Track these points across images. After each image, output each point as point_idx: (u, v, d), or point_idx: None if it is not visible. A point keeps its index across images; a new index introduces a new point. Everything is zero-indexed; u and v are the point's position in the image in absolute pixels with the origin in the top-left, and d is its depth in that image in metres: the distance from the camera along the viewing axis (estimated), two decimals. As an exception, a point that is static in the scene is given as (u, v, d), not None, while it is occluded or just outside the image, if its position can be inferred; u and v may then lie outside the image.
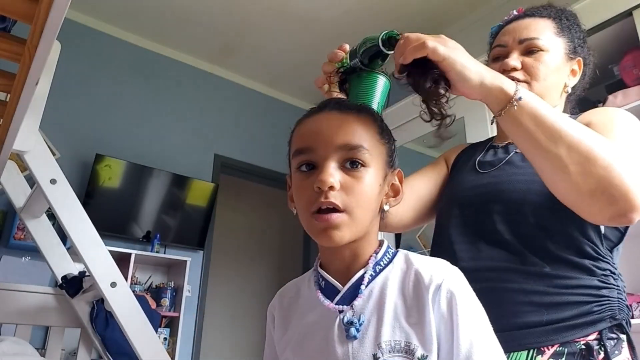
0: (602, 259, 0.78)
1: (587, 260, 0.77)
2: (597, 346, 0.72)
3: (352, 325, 0.58)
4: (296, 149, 0.63)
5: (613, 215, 0.67)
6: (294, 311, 0.68)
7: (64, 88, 3.14)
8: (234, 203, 4.94)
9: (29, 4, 0.82)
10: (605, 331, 0.74)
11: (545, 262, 0.76)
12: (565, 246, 0.77)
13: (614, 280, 0.78)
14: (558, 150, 0.67)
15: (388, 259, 0.64)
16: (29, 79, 1.00)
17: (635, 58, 1.98)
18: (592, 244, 0.78)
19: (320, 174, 0.58)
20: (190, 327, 3.48)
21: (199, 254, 3.67)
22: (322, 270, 0.65)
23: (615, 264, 0.81)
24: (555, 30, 0.91)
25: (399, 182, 0.67)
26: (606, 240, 0.80)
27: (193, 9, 3.43)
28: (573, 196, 0.69)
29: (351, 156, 0.60)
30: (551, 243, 0.77)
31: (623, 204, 0.66)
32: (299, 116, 0.67)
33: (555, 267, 0.76)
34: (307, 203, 0.60)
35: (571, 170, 0.67)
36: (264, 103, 4.35)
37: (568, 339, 0.72)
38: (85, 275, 1.76)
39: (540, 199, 0.79)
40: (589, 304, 0.74)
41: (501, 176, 0.87)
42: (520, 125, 0.69)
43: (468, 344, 0.55)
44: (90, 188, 3.17)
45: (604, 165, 0.66)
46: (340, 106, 0.63)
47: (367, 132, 0.62)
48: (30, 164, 1.36)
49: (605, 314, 0.74)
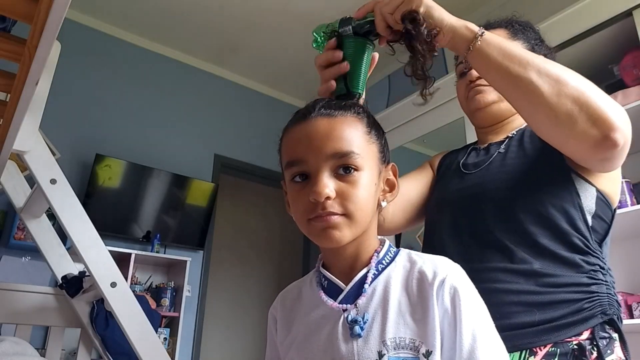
0: (592, 253, 0.79)
1: (577, 255, 0.78)
2: (589, 346, 0.73)
3: (356, 324, 0.59)
4: (287, 161, 0.63)
5: (596, 139, 0.67)
6: (297, 312, 0.68)
7: (64, 88, 3.14)
8: (234, 203, 4.94)
9: (29, 4, 0.82)
10: (598, 329, 0.74)
11: (535, 259, 0.77)
12: (555, 241, 0.78)
13: (603, 275, 0.79)
14: (528, 74, 0.69)
15: (390, 258, 0.64)
16: (29, 79, 1.00)
17: (635, 58, 1.98)
18: (581, 237, 0.78)
19: (315, 186, 0.58)
20: (190, 327, 3.48)
21: (199, 254, 3.67)
22: (325, 270, 0.66)
23: (604, 258, 0.82)
24: (509, 35, 0.95)
25: (394, 176, 0.67)
26: (594, 233, 0.81)
27: (193, 9, 3.43)
28: (552, 123, 0.70)
29: (343, 163, 0.60)
30: (542, 238, 0.78)
31: (602, 123, 0.66)
32: (299, 116, 0.67)
33: (545, 264, 0.77)
34: (304, 213, 0.60)
35: (544, 92, 0.68)
36: (264, 103, 4.35)
37: (561, 339, 0.73)
38: (85, 275, 1.76)
39: (528, 194, 0.80)
40: (580, 301, 0.75)
41: (486, 176, 0.88)
42: (488, 57, 0.72)
43: (471, 339, 0.55)
44: (90, 188, 3.17)
45: (575, 86, 0.68)
46: (326, 110, 0.63)
47: (356, 135, 0.62)
48: (30, 164, 1.35)
49: (596, 310, 0.75)
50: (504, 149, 0.90)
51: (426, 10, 0.70)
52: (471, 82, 0.95)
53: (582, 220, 0.79)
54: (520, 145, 0.88)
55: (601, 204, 0.81)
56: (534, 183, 0.82)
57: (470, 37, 0.72)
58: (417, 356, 0.56)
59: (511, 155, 0.88)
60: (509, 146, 0.90)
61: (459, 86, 1.01)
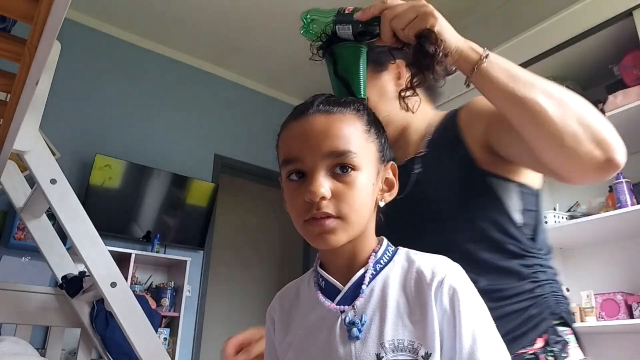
0: (528, 253, 0.79)
1: (515, 261, 0.78)
2: (543, 354, 0.73)
3: (354, 326, 0.58)
4: (284, 158, 0.62)
5: (600, 160, 0.66)
6: (295, 312, 0.67)
7: (64, 88, 3.13)
8: (234, 203, 4.93)
9: (29, 4, 0.82)
10: (551, 334, 0.74)
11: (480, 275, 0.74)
12: (493, 252, 0.78)
13: (544, 274, 0.80)
14: (534, 96, 0.68)
15: (388, 257, 0.63)
16: (29, 79, 1.00)
17: (635, 58, 1.98)
18: (514, 240, 0.79)
19: (310, 185, 0.57)
20: (190, 327, 3.48)
21: (199, 254, 3.67)
22: (322, 270, 0.65)
23: (541, 251, 0.81)
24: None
25: (393, 174, 0.66)
26: (525, 227, 0.81)
27: (193, 9, 3.43)
28: (558, 144, 0.67)
29: (340, 162, 0.58)
30: (480, 252, 0.78)
31: (606, 145, 0.66)
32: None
33: (490, 279, 0.76)
34: (300, 212, 0.59)
35: (550, 113, 0.67)
36: (264, 103, 4.35)
37: (516, 351, 0.72)
38: (85, 275, 1.76)
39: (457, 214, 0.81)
40: (528, 308, 0.76)
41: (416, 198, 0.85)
42: (493, 79, 0.70)
43: (471, 340, 0.54)
44: (90, 188, 3.17)
45: (577, 106, 0.68)
46: (325, 107, 0.62)
47: (354, 133, 0.60)
48: (30, 164, 1.35)
49: (544, 312, 0.76)
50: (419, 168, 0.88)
51: (439, 30, 0.68)
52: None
53: (510, 223, 0.79)
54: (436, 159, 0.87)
55: (525, 196, 0.82)
56: (458, 202, 0.82)
57: (476, 59, 0.71)
58: (416, 358, 0.55)
59: (429, 178, 0.86)
60: (425, 166, 0.88)
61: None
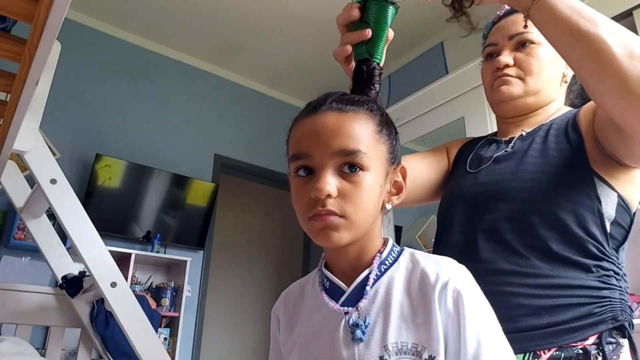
0: (607, 259, 0.76)
1: (589, 260, 0.75)
2: (594, 351, 0.70)
3: (357, 328, 0.57)
4: (293, 153, 0.61)
5: None
6: (299, 312, 0.67)
7: (64, 88, 3.14)
8: (234, 203, 4.94)
9: (29, 4, 0.82)
10: (605, 335, 0.72)
11: (545, 263, 0.75)
12: (567, 245, 0.75)
13: (617, 281, 0.76)
14: (599, 32, 0.63)
15: (393, 258, 0.62)
16: (29, 79, 1.00)
17: (635, 58, 1.98)
18: (596, 242, 0.76)
19: (317, 182, 0.57)
20: (190, 327, 3.48)
21: (199, 254, 3.67)
22: (327, 270, 0.64)
23: (620, 264, 0.79)
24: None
25: (402, 178, 0.65)
26: (612, 240, 0.78)
27: (193, 9, 3.42)
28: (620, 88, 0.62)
29: (348, 161, 0.58)
30: (553, 242, 0.75)
31: None
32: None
33: (555, 267, 0.74)
34: (305, 209, 0.59)
35: (616, 52, 0.62)
36: (264, 103, 4.35)
37: (567, 342, 0.71)
38: (85, 275, 1.76)
39: (545, 197, 0.77)
40: (590, 305, 0.73)
41: (504, 173, 0.84)
42: (555, 12, 0.65)
43: (475, 344, 0.54)
44: (90, 188, 3.17)
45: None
46: (338, 105, 0.61)
47: (365, 133, 0.59)
48: (30, 164, 1.35)
49: (607, 315, 0.73)
50: (526, 145, 0.85)
51: None
52: (498, 69, 0.89)
53: (598, 226, 0.76)
54: (544, 143, 0.83)
55: (621, 210, 0.78)
56: (553, 186, 0.78)
57: None
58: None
59: (533, 154, 0.83)
60: (531, 142, 0.85)
61: (484, 70, 0.95)
